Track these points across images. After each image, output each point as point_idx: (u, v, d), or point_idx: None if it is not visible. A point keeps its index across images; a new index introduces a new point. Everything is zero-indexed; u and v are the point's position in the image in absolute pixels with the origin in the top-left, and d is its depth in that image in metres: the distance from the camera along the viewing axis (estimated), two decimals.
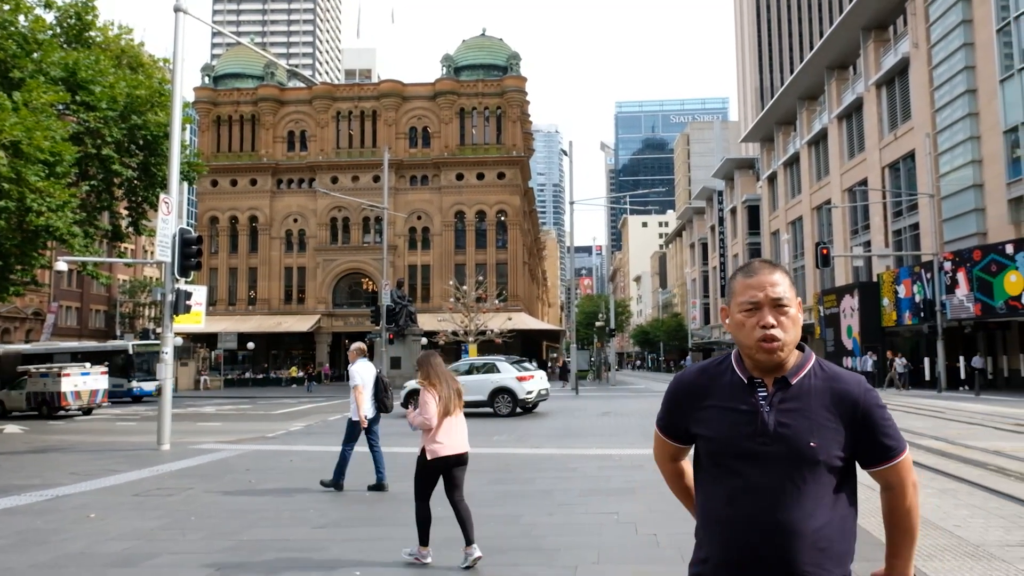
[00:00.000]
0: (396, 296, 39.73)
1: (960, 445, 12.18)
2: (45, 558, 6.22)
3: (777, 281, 1.99)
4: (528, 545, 6.36)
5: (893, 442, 2.00)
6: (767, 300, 1.97)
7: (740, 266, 2.09)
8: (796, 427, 1.91)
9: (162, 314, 14.96)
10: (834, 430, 1.93)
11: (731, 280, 2.09)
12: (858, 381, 1.99)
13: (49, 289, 54.01)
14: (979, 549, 5.81)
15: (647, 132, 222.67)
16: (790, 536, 1.85)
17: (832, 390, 1.96)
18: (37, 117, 18.13)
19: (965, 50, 31.69)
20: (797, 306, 2.01)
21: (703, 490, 2.05)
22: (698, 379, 2.09)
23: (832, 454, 1.91)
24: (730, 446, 1.95)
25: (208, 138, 59.31)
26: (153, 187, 25.09)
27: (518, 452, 12.82)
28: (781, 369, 1.98)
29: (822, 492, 1.90)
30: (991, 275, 28.37)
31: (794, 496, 1.87)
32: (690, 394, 2.09)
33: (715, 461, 1.99)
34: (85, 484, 10.05)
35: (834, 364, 2.06)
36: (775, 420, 1.92)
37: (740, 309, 2.01)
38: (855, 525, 1.99)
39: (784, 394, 1.96)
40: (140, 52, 26.77)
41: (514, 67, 58.60)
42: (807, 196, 50.19)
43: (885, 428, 1.98)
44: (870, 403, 1.97)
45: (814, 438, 1.90)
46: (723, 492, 1.95)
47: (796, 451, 1.89)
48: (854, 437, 1.95)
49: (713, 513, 1.98)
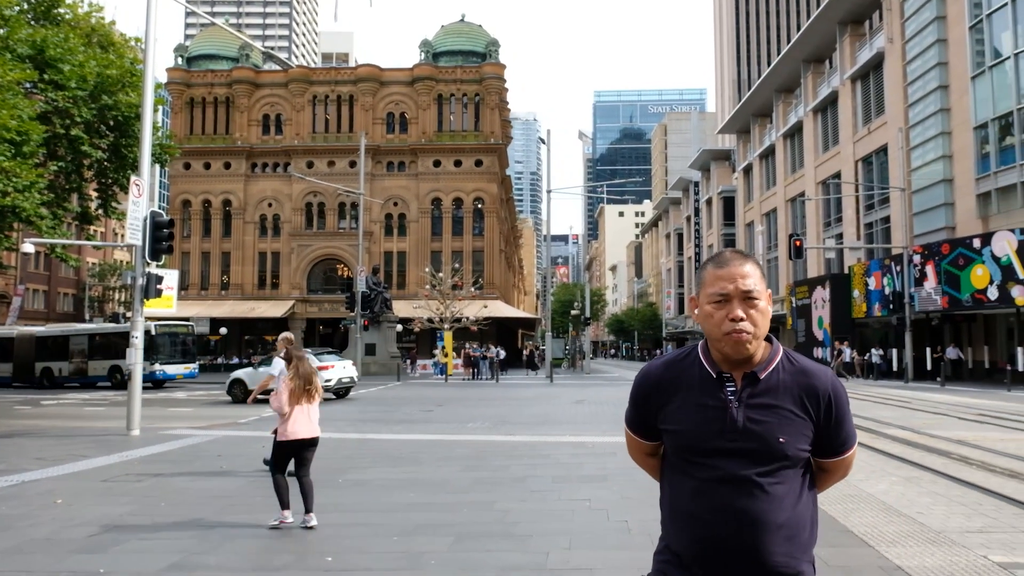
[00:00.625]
0: (371, 282, 39.52)
1: (925, 434, 12.44)
2: (9, 544, 6.13)
3: (748, 273, 1.97)
4: (501, 531, 6.40)
5: (850, 436, 2.03)
6: (737, 292, 1.94)
7: (711, 256, 2.07)
8: (766, 423, 1.91)
9: (132, 298, 14.73)
10: (802, 424, 1.93)
11: (701, 270, 2.06)
12: (826, 374, 2.00)
13: (15, 272, 52.95)
14: (940, 535, 5.95)
15: (625, 122, 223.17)
16: (760, 528, 1.86)
17: (801, 384, 1.96)
18: (3, 95, 17.67)
19: (938, 46, 32.12)
20: (767, 299, 1.99)
21: (670, 482, 2.04)
22: (665, 373, 2.06)
23: (799, 448, 1.93)
24: (699, 442, 1.94)
25: (181, 120, 58.30)
26: (124, 169, 24.60)
27: (492, 439, 12.86)
28: (750, 363, 1.97)
29: (790, 484, 1.92)
30: (958, 268, 28.92)
31: (763, 489, 1.88)
32: (657, 389, 2.05)
33: (682, 456, 1.98)
34: (52, 469, 9.90)
35: (803, 356, 2.06)
36: (744, 416, 1.92)
37: (709, 300, 1.98)
38: (817, 512, 2.02)
39: (753, 389, 1.95)
40: (111, 31, 26.17)
41: (493, 54, 58.28)
42: (782, 188, 50.69)
43: (846, 422, 2.01)
44: (837, 397, 1.98)
45: (783, 434, 1.91)
46: (691, 485, 1.94)
47: (765, 447, 1.90)
48: (818, 430, 1.96)
49: (681, 506, 1.97)
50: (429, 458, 10.59)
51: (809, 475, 2.00)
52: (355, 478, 9.10)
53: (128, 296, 57.86)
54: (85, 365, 33.85)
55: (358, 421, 16.31)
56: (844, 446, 2.02)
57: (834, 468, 2.07)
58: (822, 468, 2.05)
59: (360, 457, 10.84)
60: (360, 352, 36.15)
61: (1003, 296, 26.99)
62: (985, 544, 5.70)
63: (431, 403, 21.39)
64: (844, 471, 2.10)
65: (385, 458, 10.69)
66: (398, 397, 24.31)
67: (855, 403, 19.29)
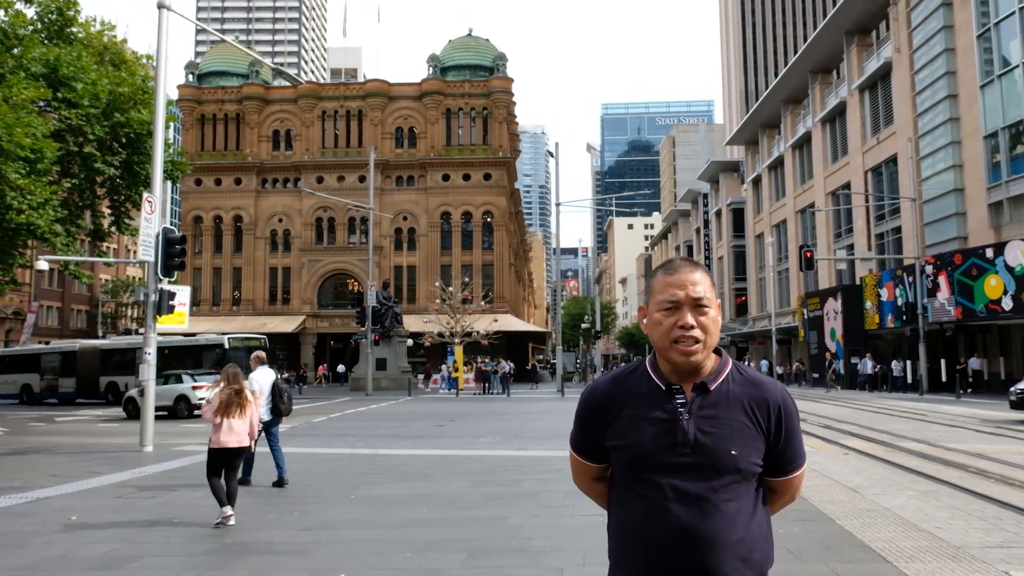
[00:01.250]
0: (382, 297, 39.63)
1: (941, 447, 12.31)
2: (25, 561, 6.14)
3: (698, 280, 1.92)
4: (514, 547, 6.36)
5: (798, 454, 1.97)
6: (687, 299, 1.90)
7: (661, 264, 2.02)
8: (716, 435, 1.86)
9: (145, 314, 14.82)
10: (753, 437, 1.88)
11: (651, 278, 2.01)
12: (776, 387, 1.95)
13: (30, 288, 53.38)
14: (960, 551, 5.87)
15: (633, 134, 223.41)
16: (712, 548, 1.80)
17: (751, 395, 1.92)
18: (17, 113, 17.90)
19: (946, 55, 32.05)
20: (716, 308, 1.94)
21: (619, 503, 1.96)
22: (612, 389, 1.99)
23: (751, 462, 1.88)
24: (649, 458, 1.87)
25: (192, 137, 58.84)
26: (136, 186, 24.83)
27: (503, 454, 12.81)
28: (699, 374, 1.92)
29: (742, 501, 1.86)
30: (972, 279, 28.70)
31: (715, 506, 1.82)
32: (604, 406, 1.97)
33: (632, 474, 1.91)
34: (66, 486, 9.93)
35: (752, 369, 2.02)
36: (695, 428, 1.86)
37: (659, 307, 1.93)
38: (771, 529, 1.96)
39: (703, 400, 1.89)
40: (123, 49, 26.51)
41: (500, 68, 58.60)
42: (791, 199, 50.56)
43: (795, 438, 1.95)
44: (788, 411, 1.93)
45: (734, 446, 1.85)
46: (641, 505, 1.88)
47: (717, 460, 1.84)
48: (769, 444, 1.91)
49: (631, 527, 1.90)
50: (440, 473, 10.56)
51: (762, 491, 1.95)
52: (367, 494, 9.08)
53: (141, 312, 58.19)
54: None
55: (369, 436, 16.30)
56: (792, 464, 1.97)
57: (781, 489, 2.00)
58: (770, 488, 1.99)
59: (372, 473, 10.82)
60: (371, 367, 36.19)
61: (1018, 306, 26.75)
62: (1006, 559, 5.62)
63: (442, 418, 21.35)
64: (792, 493, 2.03)
65: (397, 474, 10.67)
66: (409, 412, 24.29)
67: (868, 415, 19.14)
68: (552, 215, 54.53)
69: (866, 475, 9.66)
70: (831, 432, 15.19)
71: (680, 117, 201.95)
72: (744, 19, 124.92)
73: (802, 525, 6.85)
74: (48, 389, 34.81)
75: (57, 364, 34.97)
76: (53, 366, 35.04)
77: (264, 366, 10.22)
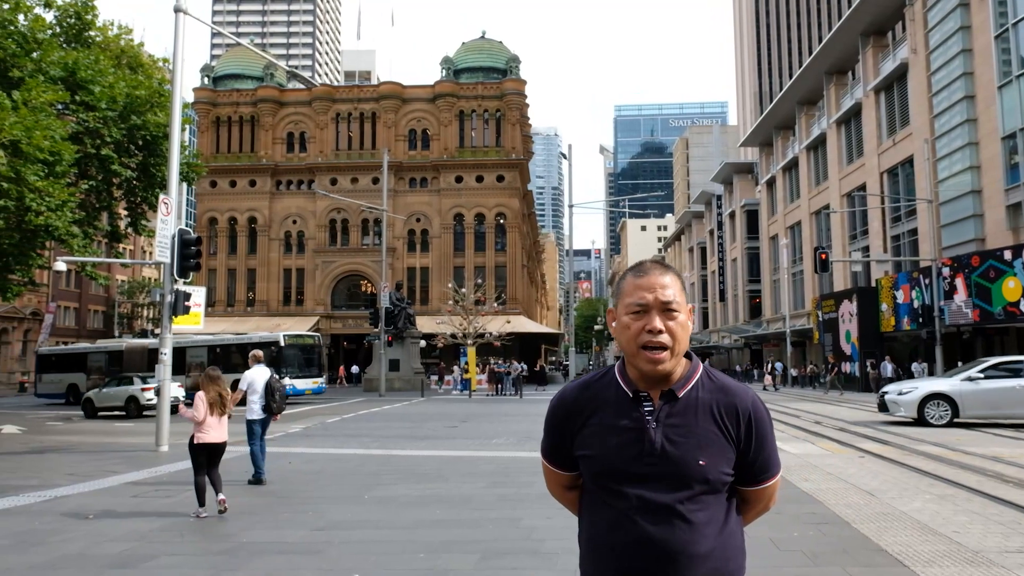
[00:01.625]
0: (395, 298, 39.73)
1: (959, 451, 12.19)
2: (43, 559, 6.20)
3: (668, 284, 1.87)
4: (528, 548, 6.36)
5: (771, 462, 1.91)
6: (656, 303, 1.85)
7: (631, 266, 1.97)
8: (684, 444, 1.81)
9: (161, 315, 14.94)
10: (722, 446, 1.83)
11: (620, 280, 1.96)
12: (747, 393, 1.90)
13: (47, 289, 53.93)
14: (978, 555, 5.81)
15: (646, 136, 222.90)
16: (680, 560, 1.76)
17: (720, 402, 1.86)
18: (36, 116, 18.11)
19: (963, 56, 31.77)
20: (687, 313, 1.89)
21: (589, 513, 1.91)
22: (580, 396, 1.94)
23: (721, 471, 1.82)
24: (615, 467, 1.82)
25: (207, 139, 59.29)
26: (152, 187, 25.06)
27: (517, 455, 12.81)
28: (667, 380, 1.87)
29: (712, 512, 1.81)
30: (989, 281, 28.42)
31: (683, 517, 1.78)
32: (572, 413, 1.93)
33: (599, 483, 1.87)
34: (83, 485, 10.03)
35: (723, 374, 1.96)
36: (662, 437, 1.81)
37: (627, 311, 1.87)
38: (743, 540, 1.91)
39: (671, 408, 1.85)
40: (140, 52, 26.77)
41: (514, 70, 58.66)
42: (806, 201, 50.26)
43: (768, 446, 1.90)
44: (759, 418, 1.87)
45: (703, 456, 1.80)
46: (609, 515, 1.83)
47: (684, 470, 1.79)
48: (739, 453, 1.86)
49: (599, 538, 1.85)
50: (454, 474, 10.57)
51: (735, 500, 1.90)
52: (380, 495, 9.11)
53: (157, 313, 58.64)
54: None
55: (383, 437, 16.34)
56: (764, 473, 1.91)
57: (754, 499, 1.94)
58: (742, 498, 1.94)
59: (385, 473, 10.85)
60: (384, 368, 36.28)
61: None
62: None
63: (455, 419, 21.38)
64: (765, 503, 1.97)
65: (410, 474, 10.69)
66: (422, 413, 24.33)
67: (884, 417, 18.95)
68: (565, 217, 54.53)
69: (882, 479, 9.58)
70: (846, 435, 15.08)
71: (694, 119, 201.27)
72: (758, 20, 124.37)
73: (817, 529, 6.81)
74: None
75: (104, 363, 33.91)
76: (100, 365, 33.96)
77: (260, 364, 10.54)
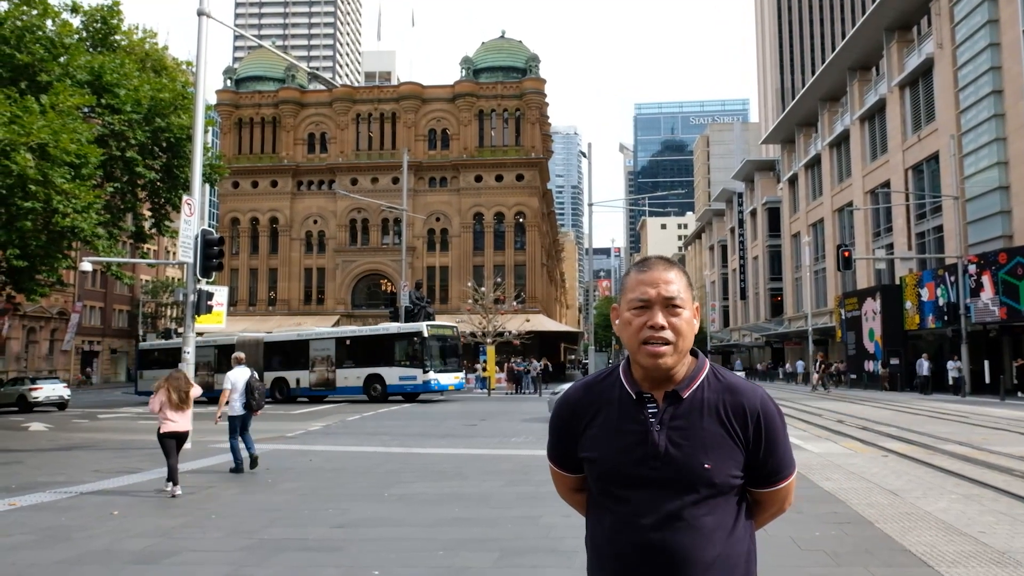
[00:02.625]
0: (414, 297, 39.83)
1: (985, 450, 12.00)
2: (69, 555, 6.31)
3: (672, 279, 1.81)
4: (547, 547, 6.35)
5: (784, 463, 1.84)
6: (659, 298, 1.79)
7: (635, 262, 1.92)
8: (688, 447, 1.75)
9: (184, 314, 15.12)
10: (729, 448, 1.77)
11: (625, 276, 1.91)
12: (755, 392, 1.83)
13: (74, 289, 54.78)
14: (1005, 556, 5.71)
15: (666, 134, 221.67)
16: (686, 567, 1.71)
17: (727, 403, 1.80)
18: (63, 120, 18.41)
19: (991, 50, 31.24)
20: (693, 310, 1.83)
21: (594, 516, 1.88)
22: (584, 397, 1.90)
23: (728, 474, 1.76)
24: (619, 471, 1.78)
25: (230, 140, 59.89)
26: (176, 189, 25.40)
27: (536, 454, 12.79)
28: (672, 380, 1.81)
29: (719, 516, 1.75)
30: (1017, 278, 27.92)
31: (688, 523, 1.72)
32: (576, 415, 1.89)
33: (602, 487, 1.83)
34: (108, 482, 10.19)
35: (731, 373, 1.90)
36: (666, 439, 1.76)
37: (630, 306, 1.82)
38: (755, 546, 1.85)
39: (675, 410, 1.79)
40: (164, 55, 27.13)
41: (533, 69, 58.61)
42: (828, 198, 49.71)
43: (781, 446, 1.83)
44: (769, 418, 1.80)
45: (708, 459, 1.74)
46: (613, 520, 1.79)
47: (689, 474, 1.74)
48: (748, 455, 1.79)
49: (603, 544, 1.82)
50: (473, 472, 10.59)
51: (745, 504, 1.84)
52: (400, 492, 9.15)
53: (180, 312, 59.36)
54: (332, 375, 29.83)
55: (402, 435, 16.41)
56: (778, 475, 1.83)
57: (767, 501, 1.88)
58: (755, 500, 1.87)
59: (405, 471, 10.89)
60: None
61: None
62: None
63: (474, 417, 21.42)
64: (780, 505, 1.90)
65: (429, 472, 10.73)
66: (441, 411, 24.40)
67: (908, 417, 18.71)
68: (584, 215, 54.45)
69: (906, 478, 9.45)
70: (869, 434, 14.90)
71: (714, 116, 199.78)
72: (780, 16, 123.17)
73: (840, 528, 6.73)
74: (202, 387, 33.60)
75: (212, 359, 31.95)
76: (208, 360, 31.60)
77: (241, 366, 11.52)
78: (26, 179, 17.27)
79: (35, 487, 9.72)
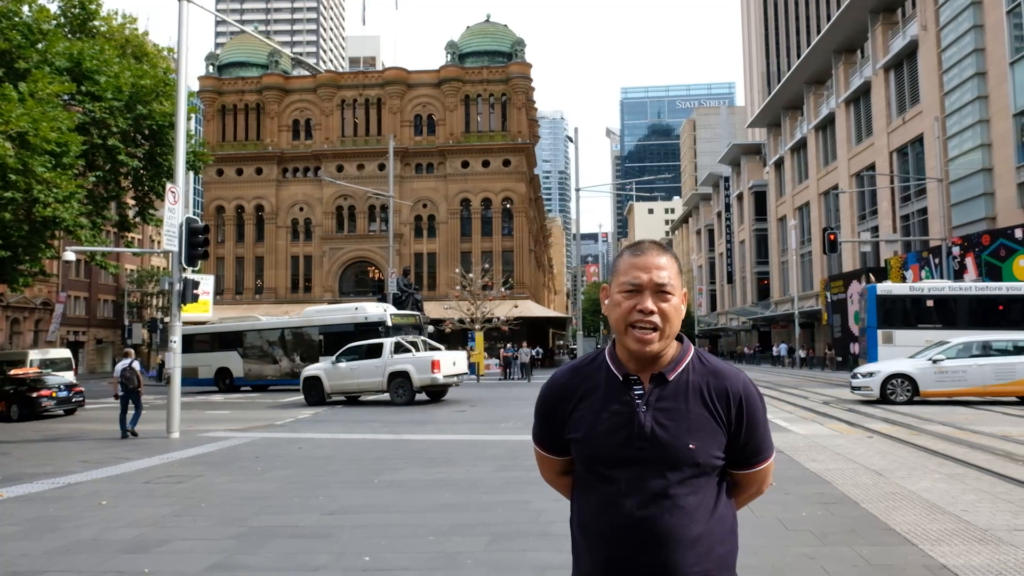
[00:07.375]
0: (402, 284, 39.75)
1: (968, 431, 12.17)
2: (58, 544, 6.29)
3: (664, 265, 1.86)
4: (537, 531, 6.40)
5: (763, 446, 1.90)
6: (650, 283, 1.83)
7: (628, 245, 1.95)
8: (674, 428, 1.80)
9: (170, 303, 15.03)
10: (713, 429, 1.82)
11: (617, 258, 1.94)
12: (739, 376, 1.88)
13: (57, 279, 54.27)
14: (987, 533, 5.81)
15: (653, 118, 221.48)
16: (670, 545, 1.75)
17: (711, 385, 1.85)
18: (43, 108, 18.15)
19: (974, 32, 31.37)
20: (682, 297, 1.87)
21: (580, 497, 1.91)
22: (570, 380, 1.93)
23: (711, 455, 1.81)
24: (605, 451, 1.82)
25: (213, 127, 59.28)
26: (159, 177, 25.13)
27: (525, 439, 12.85)
28: (658, 363, 1.86)
29: (702, 496, 1.80)
30: (1000, 260, 28.21)
31: (673, 501, 1.77)
32: (562, 398, 1.92)
33: (588, 467, 1.86)
34: (96, 472, 10.14)
35: (715, 357, 1.95)
36: (652, 421, 1.80)
37: (621, 289, 1.86)
38: (736, 522, 1.90)
39: (661, 391, 1.83)
40: (144, 41, 26.74)
41: (519, 53, 58.29)
42: (814, 181, 49.94)
43: (760, 429, 1.88)
44: (750, 401, 1.86)
45: (693, 439, 1.79)
46: (599, 499, 1.83)
47: (674, 454, 1.78)
48: (730, 436, 1.85)
49: (589, 523, 1.85)
50: (463, 458, 10.63)
51: (725, 483, 1.89)
52: (390, 479, 9.17)
53: (166, 301, 58.97)
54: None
55: (392, 422, 16.43)
56: (757, 456, 1.89)
57: (747, 482, 1.93)
58: (734, 481, 1.92)
59: (394, 458, 10.92)
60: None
61: None
62: None
63: (464, 403, 21.46)
64: (758, 487, 1.96)
65: (419, 458, 10.75)
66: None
67: None
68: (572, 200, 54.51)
69: (891, 458, 9.57)
70: (855, 415, 15.07)
71: (701, 100, 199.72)
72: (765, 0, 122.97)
73: (826, 508, 6.82)
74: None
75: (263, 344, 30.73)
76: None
77: (126, 359, 14.98)
78: (6, 168, 17.04)
79: (22, 478, 9.67)
